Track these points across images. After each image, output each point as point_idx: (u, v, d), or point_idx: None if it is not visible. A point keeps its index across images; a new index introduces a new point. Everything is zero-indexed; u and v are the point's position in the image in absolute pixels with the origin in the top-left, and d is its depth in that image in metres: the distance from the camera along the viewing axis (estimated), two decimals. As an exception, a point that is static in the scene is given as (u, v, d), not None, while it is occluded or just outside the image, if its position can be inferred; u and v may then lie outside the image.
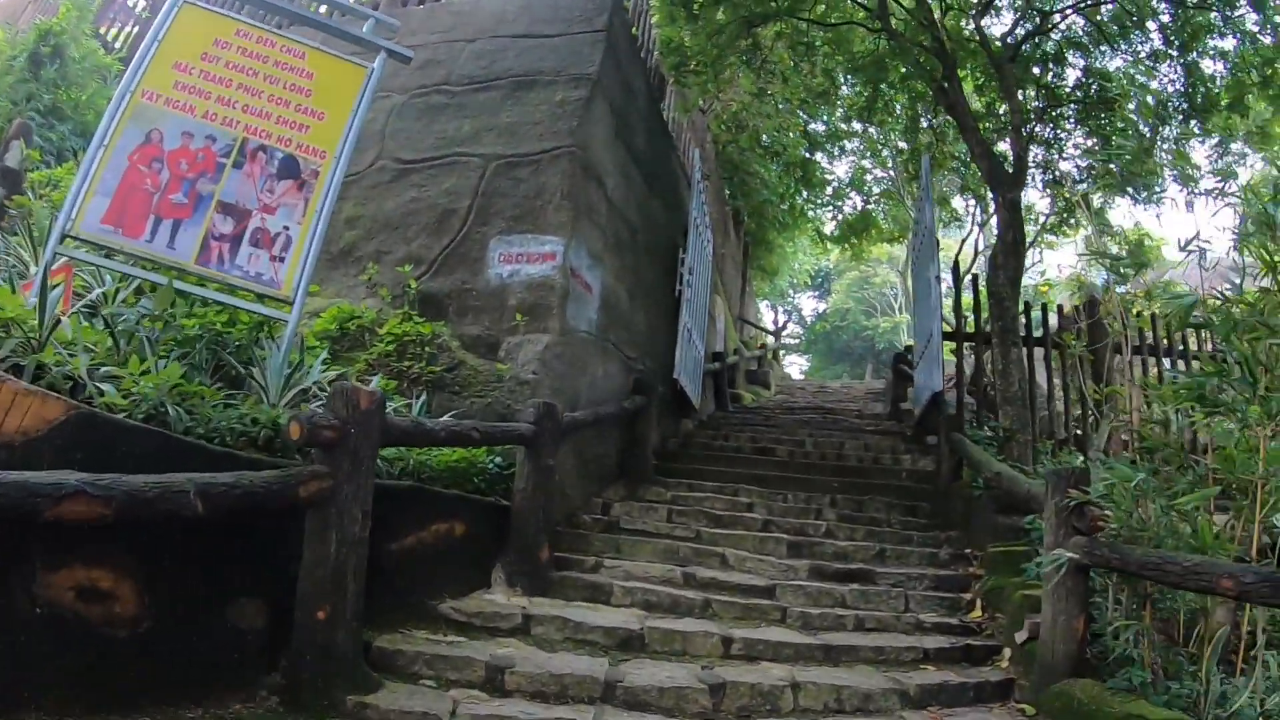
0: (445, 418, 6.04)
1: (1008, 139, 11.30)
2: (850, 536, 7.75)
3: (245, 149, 5.48)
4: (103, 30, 13.93)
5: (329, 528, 3.98)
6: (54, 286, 4.47)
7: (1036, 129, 10.23)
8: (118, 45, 14.77)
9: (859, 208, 21.70)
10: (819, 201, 21.39)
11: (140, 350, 4.49)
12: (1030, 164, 10.91)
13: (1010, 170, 9.89)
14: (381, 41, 6.13)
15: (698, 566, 6.57)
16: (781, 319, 39.21)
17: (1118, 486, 4.84)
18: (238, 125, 5.52)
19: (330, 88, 5.83)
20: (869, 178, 21.61)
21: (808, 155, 19.36)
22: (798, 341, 45.55)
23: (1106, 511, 4.79)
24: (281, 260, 5.34)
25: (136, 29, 16.35)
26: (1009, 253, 9.46)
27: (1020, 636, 5.39)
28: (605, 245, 8.47)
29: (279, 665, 4.03)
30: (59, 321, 4.18)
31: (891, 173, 21.02)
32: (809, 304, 49.72)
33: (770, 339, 26.27)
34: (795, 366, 43.99)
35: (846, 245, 23.37)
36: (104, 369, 4.08)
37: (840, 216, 22.21)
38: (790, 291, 39.78)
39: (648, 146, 10.23)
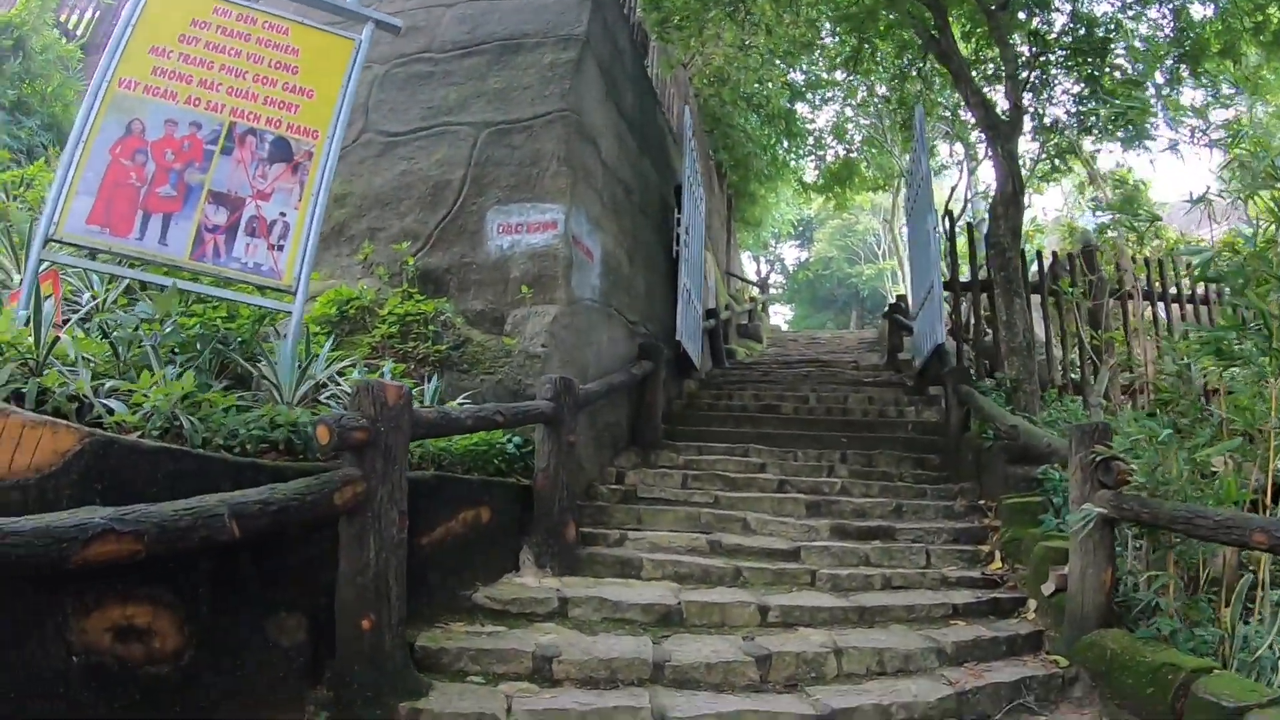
0: (459, 399, 5.88)
1: (1000, 87, 11.13)
2: (866, 493, 7.69)
3: (234, 134, 5.24)
4: (63, 19, 13.52)
5: (366, 532, 3.80)
6: (46, 298, 4.23)
7: (1025, 75, 10.02)
8: (79, 32, 14.39)
9: (841, 157, 21.49)
10: (800, 151, 21.21)
11: (143, 359, 4.26)
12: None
13: (1005, 119, 9.71)
14: (369, 11, 5.91)
15: (721, 533, 6.51)
16: (764, 270, 39.09)
17: (1140, 441, 4.86)
18: (223, 109, 5.27)
19: (317, 63, 5.59)
20: (850, 126, 21.39)
21: (789, 106, 19.15)
22: (781, 291, 45.50)
23: (1133, 466, 4.77)
24: (280, 248, 5.12)
25: (98, 14, 15.96)
26: (1009, 203, 9.32)
27: (1047, 589, 5.41)
28: (603, 209, 8.24)
29: (323, 678, 3.87)
30: (57, 339, 3.95)
31: (874, 120, 20.80)
32: (791, 253, 49.63)
33: (758, 291, 26.12)
34: (780, 316, 44.04)
35: (830, 194, 23.23)
36: (109, 385, 3.84)
37: (822, 166, 22.05)
38: (772, 242, 39.59)
39: (636, 106, 9.97)
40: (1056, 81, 11.12)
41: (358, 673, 3.80)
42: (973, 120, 12.06)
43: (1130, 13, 10.87)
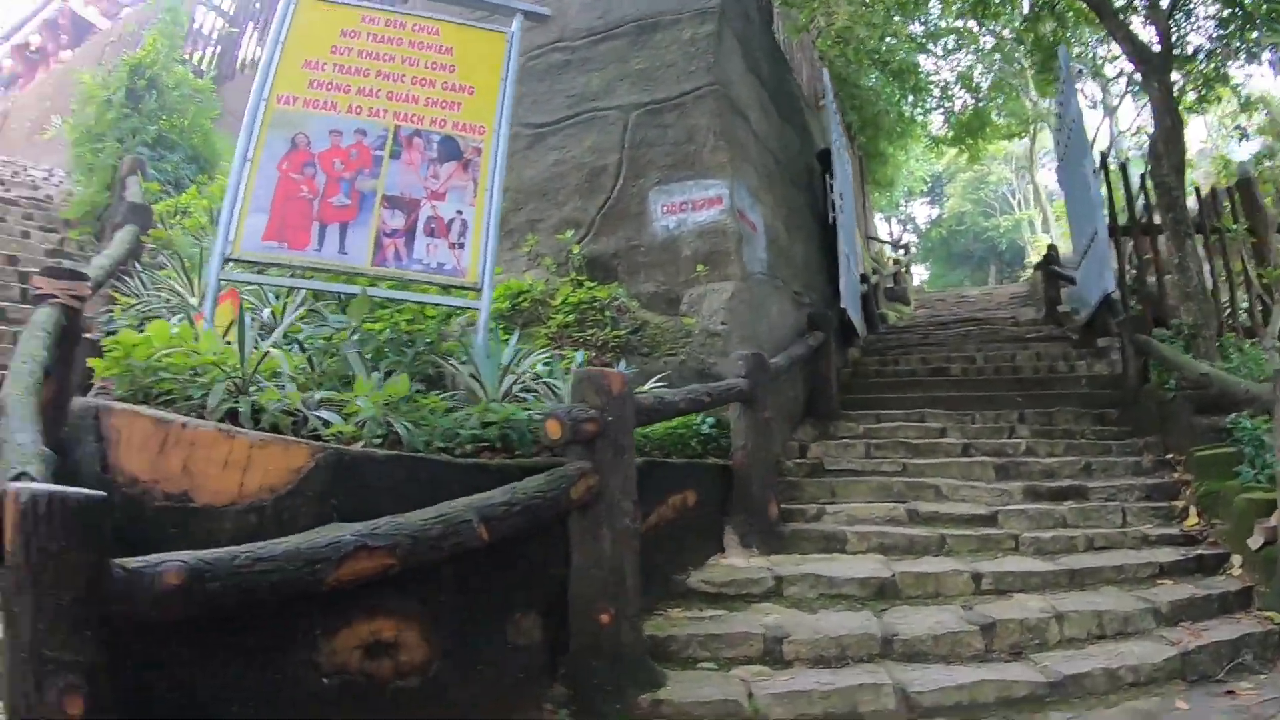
0: (650, 383, 5.76)
1: (1135, 18, 10.49)
2: (1050, 452, 7.39)
3: (399, 137, 5.17)
4: (186, 55, 14.03)
5: (600, 525, 3.71)
6: (229, 322, 4.23)
7: (1166, 3, 9.38)
8: (203, 68, 14.90)
9: (969, 106, 20.70)
10: (927, 106, 20.54)
11: (337, 368, 4.24)
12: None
13: (1157, 52, 9.08)
14: (516, 3, 5.78)
15: (915, 501, 6.32)
16: (897, 230, 38.09)
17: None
18: (386, 114, 5.20)
19: (472, 60, 5.48)
20: (976, 72, 20.60)
21: (912, 59, 18.55)
22: (914, 251, 44.37)
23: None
24: (461, 246, 5.03)
25: (219, 49, 16.56)
26: (1168, 139, 8.75)
27: (1254, 543, 5.10)
28: (759, 181, 8.03)
29: (558, 675, 3.77)
30: (266, 354, 3.91)
31: (1001, 65, 20.00)
32: (922, 211, 48.31)
33: (901, 253, 25.47)
34: (915, 276, 42.97)
35: (962, 146, 22.46)
36: (317, 396, 3.78)
37: (951, 118, 21.29)
38: (903, 201, 38.54)
39: (771, 74, 9.72)
40: (1196, 6, 10.49)
41: (597, 667, 3.71)
42: (1109, 57, 11.42)
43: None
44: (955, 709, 3.87)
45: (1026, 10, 13.23)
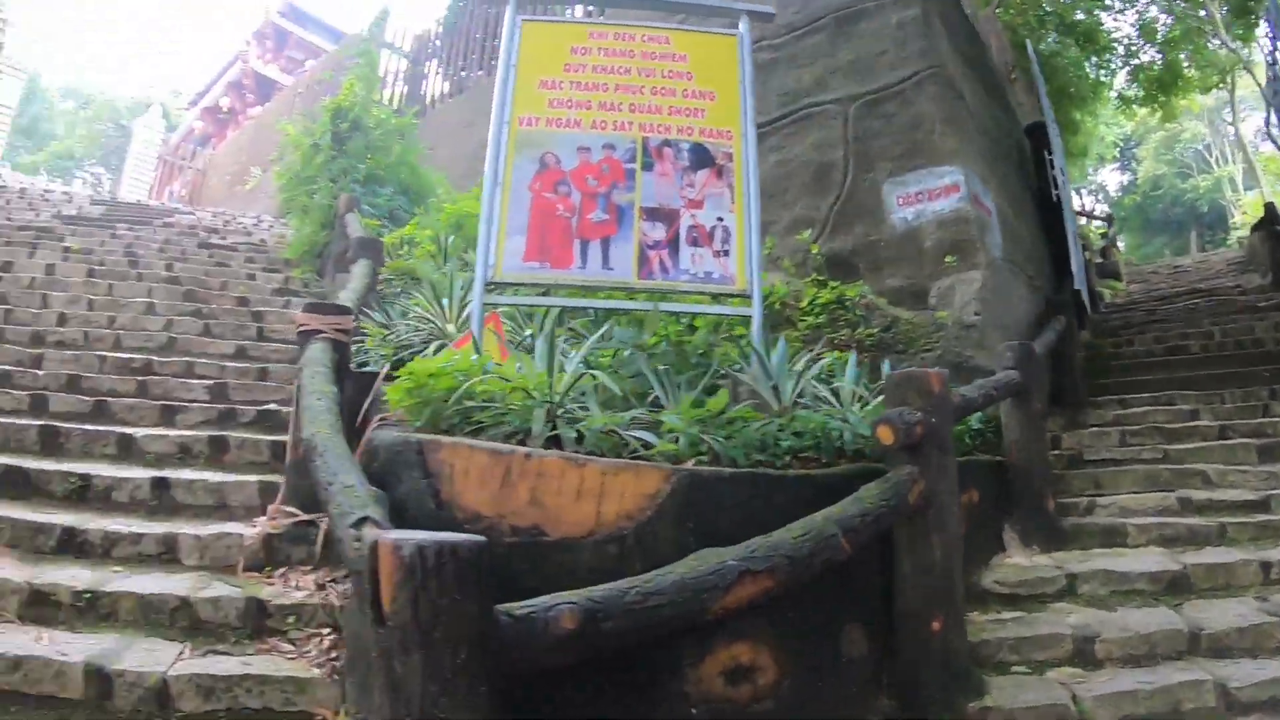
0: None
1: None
2: (1313, 431, 6.88)
3: (649, 148, 5.17)
4: (376, 97, 14.65)
5: (929, 531, 3.57)
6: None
7: None
8: (394, 106, 15.49)
9: (1155, 62, 19.54)
10: (1110, 66, 19.50)
11: (638, 385, 4.21)
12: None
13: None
14: (740, 5, 5.70)
15: (1184, 489, 5.95)
16: (1089, 202, 36.32)
17: None
18: (632, 126, 5.22)
19: (707, 65, 5.47)
20: (1160, 24, 19.45)
21: (1096, 19, 17.70)
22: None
23: None
24: (726, 254, 4.99)
25: (406, 87, 17.27)
26: None
27: None
28: (984, 163, 7.76)
29: (883, 686, 3.64)
30: (580, 376, 3.88)
31: (1184, 7, 18.83)
32: (1113, 179, 46.17)
33: (1105, 226, 24.29)
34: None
35: (1154, 105, 21.20)
36: (627, 416, 3.74)
37: (1139, 75, 20.12)
38: (1090, 170, 36.81)
39: (971, 51, 9.43)
40: None
41: (926, 677, 3.57)
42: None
43: None
44: (1270, 704, 3.70)
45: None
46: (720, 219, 5.04)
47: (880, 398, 4.30)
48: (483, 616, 2.09)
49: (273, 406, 5.97)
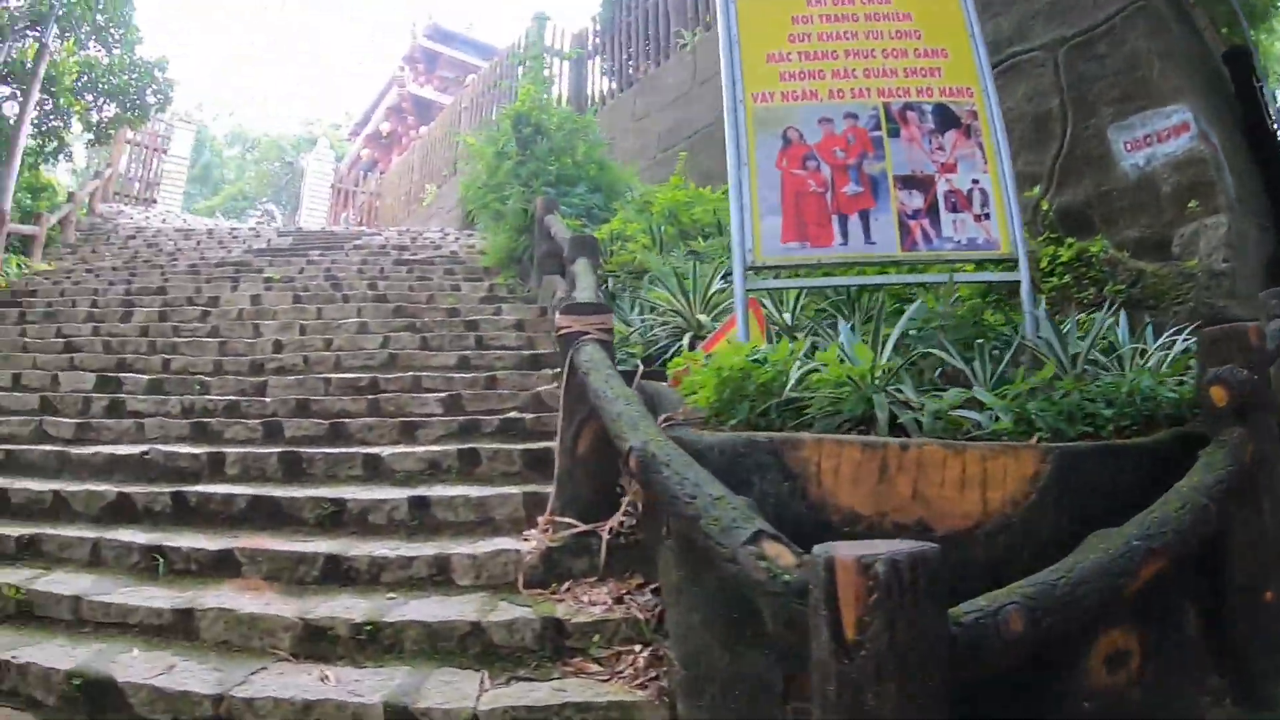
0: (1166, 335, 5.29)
1: None
2: None
3: (891, 114, 4.98)
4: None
5: (1260, 495, 3.30)
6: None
7: None
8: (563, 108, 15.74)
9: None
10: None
11: (935, 361, 4.08)
12: None
13: None
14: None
15: None
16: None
17: None
18: (870, 93, 5.03)
19: (932, 21, 5.22)
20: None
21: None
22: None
23: None
24: (987, 217, 4.77)
25: (570, 88, 17.56)
26: None
27: None
28: (1197, 96, 7.30)
29: (1209, 664, 3.39)
30: (914, 355, 3.78)
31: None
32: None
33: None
34: None
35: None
36: (953, 394, 3.55)
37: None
38: (1273, 95, 34.38)
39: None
40: None
41: (1257, 650, 3.31)
42: None
43: None
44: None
45: None
46: (975, 180, 4.84)
47: (1149, 359, 4.21)
48: (943, 630, 1.96)
49: (514, 415, 5.95)
